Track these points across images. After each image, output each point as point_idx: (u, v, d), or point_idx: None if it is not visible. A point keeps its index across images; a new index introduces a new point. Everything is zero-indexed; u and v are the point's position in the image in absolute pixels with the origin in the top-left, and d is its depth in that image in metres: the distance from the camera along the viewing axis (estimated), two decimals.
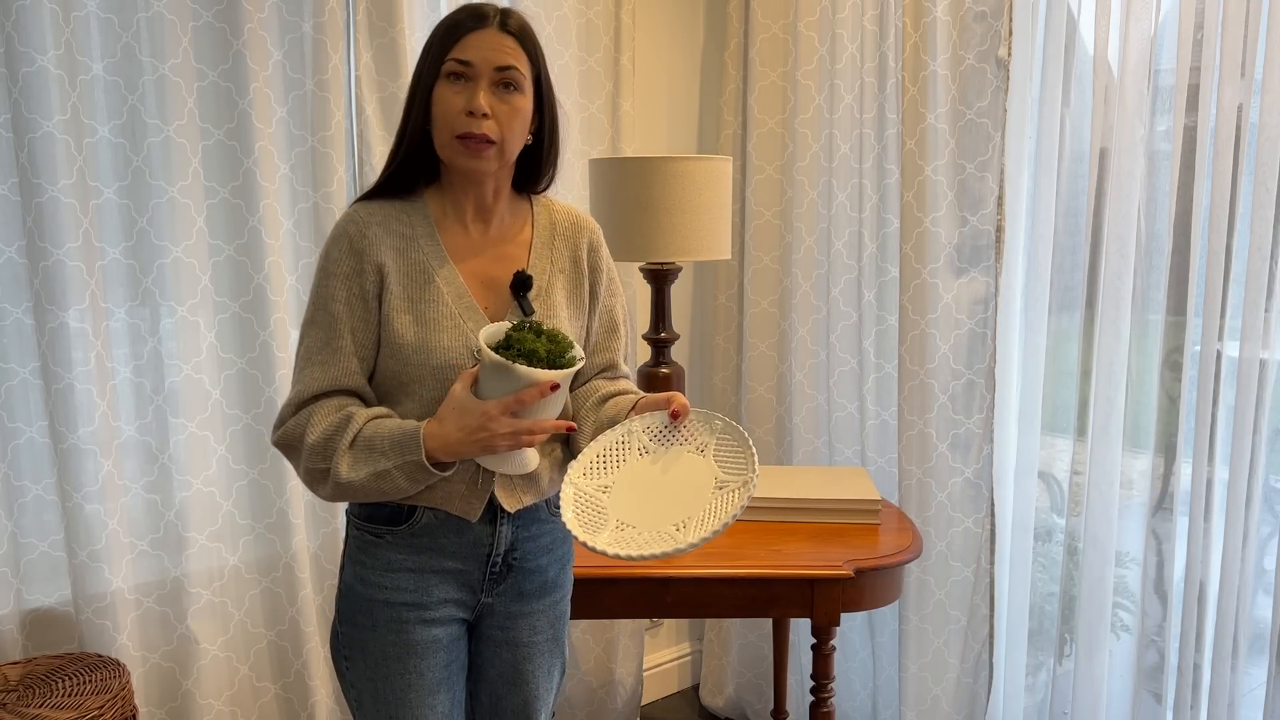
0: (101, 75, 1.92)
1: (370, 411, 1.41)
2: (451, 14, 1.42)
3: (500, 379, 1.36)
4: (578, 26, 2.52)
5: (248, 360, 2.11)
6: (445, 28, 1.40)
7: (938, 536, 2.43)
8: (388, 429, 1.38)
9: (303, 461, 1.40)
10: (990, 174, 2.30)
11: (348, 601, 1.51)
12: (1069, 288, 2.30)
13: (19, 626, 1.92)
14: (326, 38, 2.09)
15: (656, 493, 1.45)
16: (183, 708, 2.11)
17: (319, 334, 1.42)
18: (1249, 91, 1.95)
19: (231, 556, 2.15)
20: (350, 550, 1.52)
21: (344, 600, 1.52)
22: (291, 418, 1.41)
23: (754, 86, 2.70)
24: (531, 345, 1.37)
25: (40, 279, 1.84)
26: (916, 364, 2.42)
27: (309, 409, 1.40)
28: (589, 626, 2.76)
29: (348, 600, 1.51)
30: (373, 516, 1.48)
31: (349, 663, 1.53)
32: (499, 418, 1.34)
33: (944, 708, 2.47)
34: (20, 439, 1.91)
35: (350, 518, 1.53)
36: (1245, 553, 2.03)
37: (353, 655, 1.52)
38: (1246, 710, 2.12)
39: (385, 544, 1.48)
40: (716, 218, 2.22)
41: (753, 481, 1.40)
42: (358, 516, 1.50)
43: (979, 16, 2.27)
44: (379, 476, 1.37)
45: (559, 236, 1.55)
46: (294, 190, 2.15)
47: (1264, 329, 1.97)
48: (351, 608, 1.51)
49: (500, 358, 1.34)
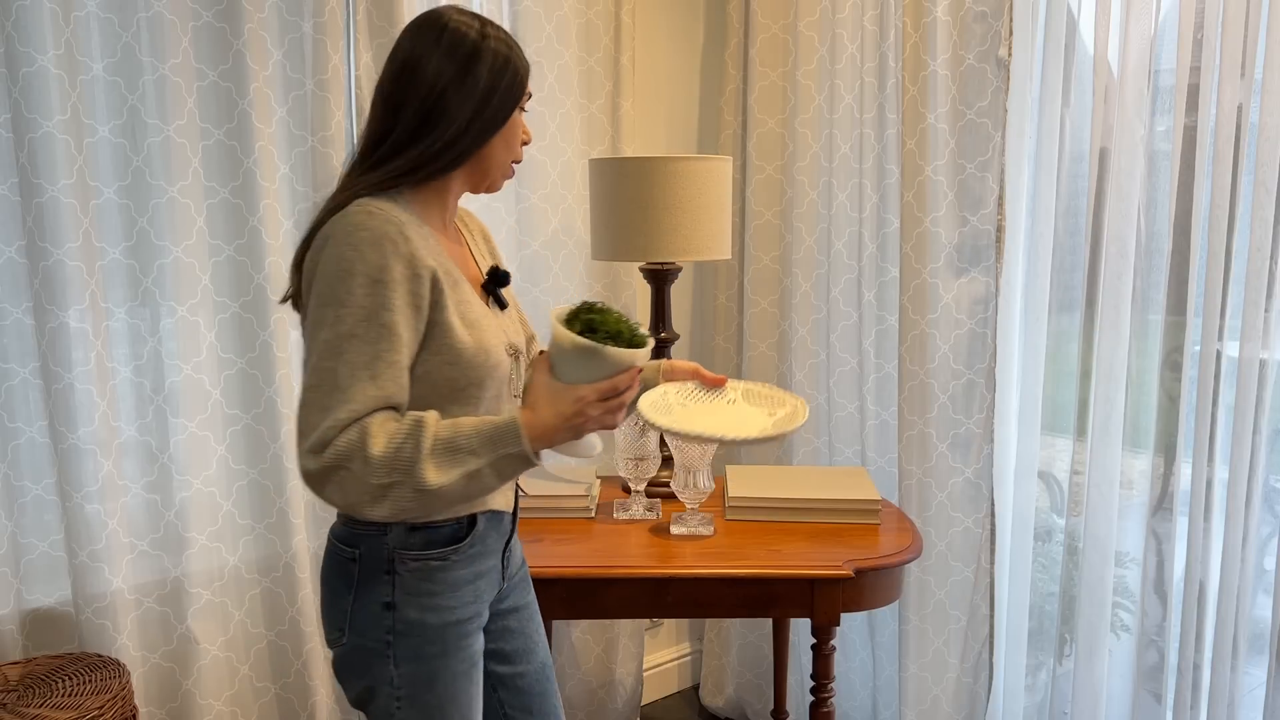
0: (101, 75, 1.92)
1: (435, 414, 1.34)
2: (518, 48, 1.44)
3: (585, 362, 1.36)
4: (578, 26, 2.52)
5: (248, 360, 2.11)
6: (524, 66, 1.44)
7: (938, 536, 2.43)
8: (470, 427, 1.33)
9: (362, 478, 1.28)
10: (990, 174, 2.30)
11: (411, 640, 1.42)
12: (1069, 288, 2.30)
13: (19, 626, 1.92)
14: (326, 38, 2.09)
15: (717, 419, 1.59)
16: (183, 708, 2.11)
17: (365, 347, 1.30)
18: (1249, 91, 1.95)
19: (231, 556, 2.15)
20: (405, 585, 1.42)
21: (405, 641, 1.42)
22: (341, 435, 1.27)
23: (754, 86, 2.70)
24: (616, 326, 1.39)
25: (40, 279, 1.84)
26: (916, 364, 2.42)
27: (359, 425, 1.28)
28: (589, 626, 2.76)
29: (411, 639, 1.42)
30: (432, 542, 1.43)
31: (404, 703, 1.44)
32: (594, 400, 1.37)
33: (944, 708, 2.47)
34: (20, 439, 1.91)
35: (401, 555, 1.42)
36: (1245, 553, 2.03)
37: (415, 694, 1.44)
38: (1246, 710, 2.12)
39: (447, 565, 1.44)
40: (716, 218, 2.22)
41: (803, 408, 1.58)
42: (413, 548, 1.42)
43: (979, 16, 2.27)
44: (470, 478, 1.32)
45: (475, 233, 1.61)
46: (294, 190, 2.15)
47: (1264, 329, 1.97)
48: (418, 643, 1.43)
49: (589, 341, 1.36)
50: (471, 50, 1.38)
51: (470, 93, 1.38)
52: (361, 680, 1.45)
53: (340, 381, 1.29)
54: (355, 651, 1.44)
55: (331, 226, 1.33)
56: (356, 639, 1.44)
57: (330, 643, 1.49)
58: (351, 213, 1.33)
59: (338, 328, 1.29)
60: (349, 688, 1.49)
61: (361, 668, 1.44)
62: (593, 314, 1.41)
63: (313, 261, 1.34)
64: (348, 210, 1.34)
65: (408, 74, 1.38)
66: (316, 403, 1.29)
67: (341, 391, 1.28)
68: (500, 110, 1.41)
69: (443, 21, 1.40)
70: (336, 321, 1.29)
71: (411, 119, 1.38)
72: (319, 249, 1.33)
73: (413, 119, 1.38)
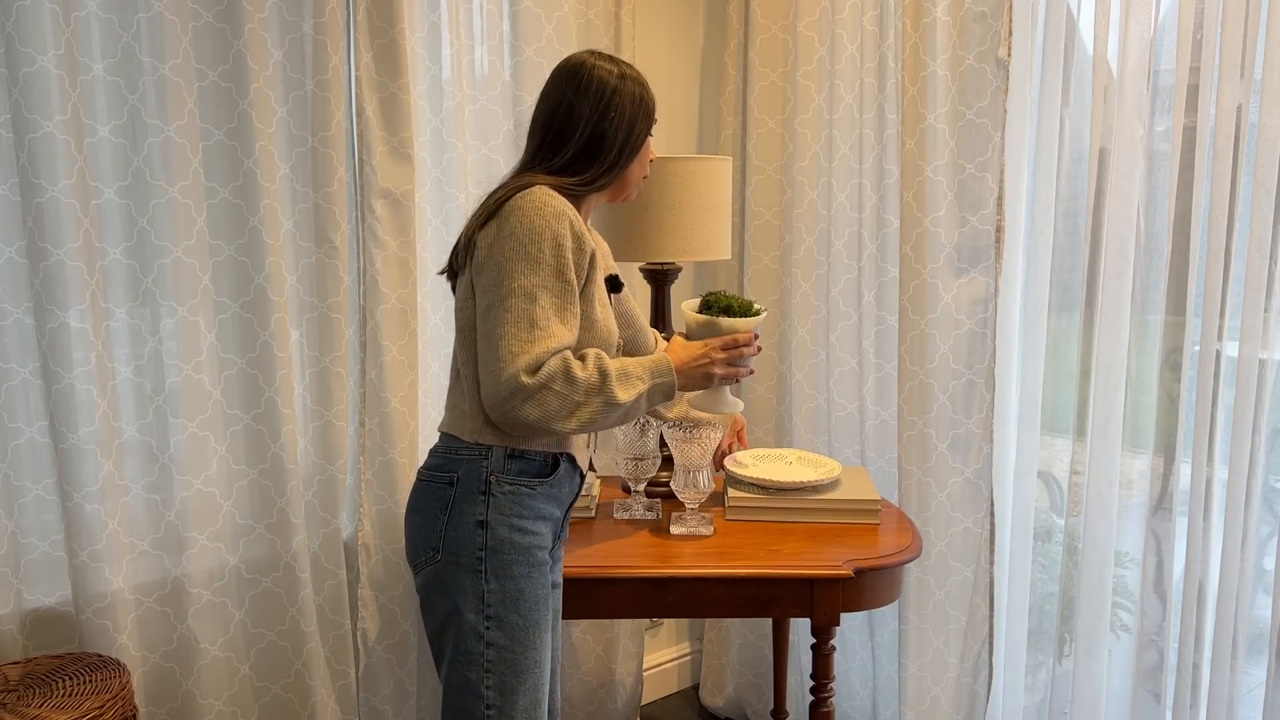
0: (102, 75, 1.92)
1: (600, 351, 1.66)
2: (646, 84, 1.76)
3: (706, 332, 1.81)
4: (578, 26, 2.52)
5: (248, 360, 2.11)
6: (652, 100, 1.76)
7: (937, 536, 2.43)
8: (635, 361, 1.69)
9: (565, 395, 1.57)
10: (990, 174, 2.31)
11: (502, 556, 1.63)
12: (1068, 288, 2.30)
13: (19, 626, 1.92)
14: (327, 38, 2.09)
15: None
16: (183, 708, 2.11)
17: (554, 298, 1.59)
18: (1248, 91, 1.96)
19: (231, 556, 2.15)
20: (499, 506, 1.65)
21: (496, 557, 1.63)
22: (548, 362, 1.57)
23: (754, 87, 2.70)
24: (726, 302, 1.83)
25: (40, 279, 1.84)
26: (916, 364, 2.42)
27: (560, 355, 1.58)
28: (589, 626, 2.76)
29: (502, 555, 1.63)
30: (525, 471, 1.67)
31: (493, 622, 1.63)
32: (718, 348, 1.77)
33: (944, 708, 2.47)
34: (20, 439, 1.91)
35: (498, 477, 1.65)
36: (1245, 552, 2.03)
37: (502, 612, 1.63)
38: (1246, 710, 2.12)
39: (535, 495, 1.68)
40: (716, 218, 2.22)
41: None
42: (509, 473, 1.66)
43: (979, 17, 2.27)
44: (639, 399, 1.66)
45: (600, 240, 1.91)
46: (294, 190, 2.15)
47: (1264, 329, 1.97)
48: (509, 560, 1.64)
49: (705, 316, 1.82)
50: (613, 93, 1.70)
51: (617, 127, 1.70)
52: (450, 599, 1.64)
53: (538, 320, 1.57)
54: (448, 568, 1.64)
55: (518, 201, 1.60)
56: (450, 556, 1.64)
57: (420, 565, 1.68)
58: (536, 191, 1.61)
59: (531, 278, 1.57)
60: (433, 612, 1.68)
61: (453, 585, 1.64)
62: (711, 295, 1.84)
63: (498, 228, 1.60)
64: (531, 190, 1.62)
65: (564, 116, 1.70)
66: (518, 335, 1.56)
67: (541, 329, 1.57)
68: (639, 137, 1.74)
69: (586, 70, 1.71)
70: (529, 274, 1.57)
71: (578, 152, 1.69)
72: (505, 218, 1.60)
73: (579, 152, 1.70)
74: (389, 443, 2.25)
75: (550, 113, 1.71)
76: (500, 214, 1.61)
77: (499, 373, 1.56)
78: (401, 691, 2.34)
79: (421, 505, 1.70)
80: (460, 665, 1.65)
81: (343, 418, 2.22)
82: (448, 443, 1.71)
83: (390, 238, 2.21)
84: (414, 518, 1.71)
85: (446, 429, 1.74)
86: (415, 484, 1.74)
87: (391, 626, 2.31)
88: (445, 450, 1.70)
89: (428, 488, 1.70)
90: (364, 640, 2.28)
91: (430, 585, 1.67)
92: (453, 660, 1.66)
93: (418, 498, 1.71)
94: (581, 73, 1.70)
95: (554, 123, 1.71)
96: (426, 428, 2.33)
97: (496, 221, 1.61)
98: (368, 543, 2.26)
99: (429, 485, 1.70)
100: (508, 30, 2.42)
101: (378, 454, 2.25)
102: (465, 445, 1.67)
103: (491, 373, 1.57)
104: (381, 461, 2.25)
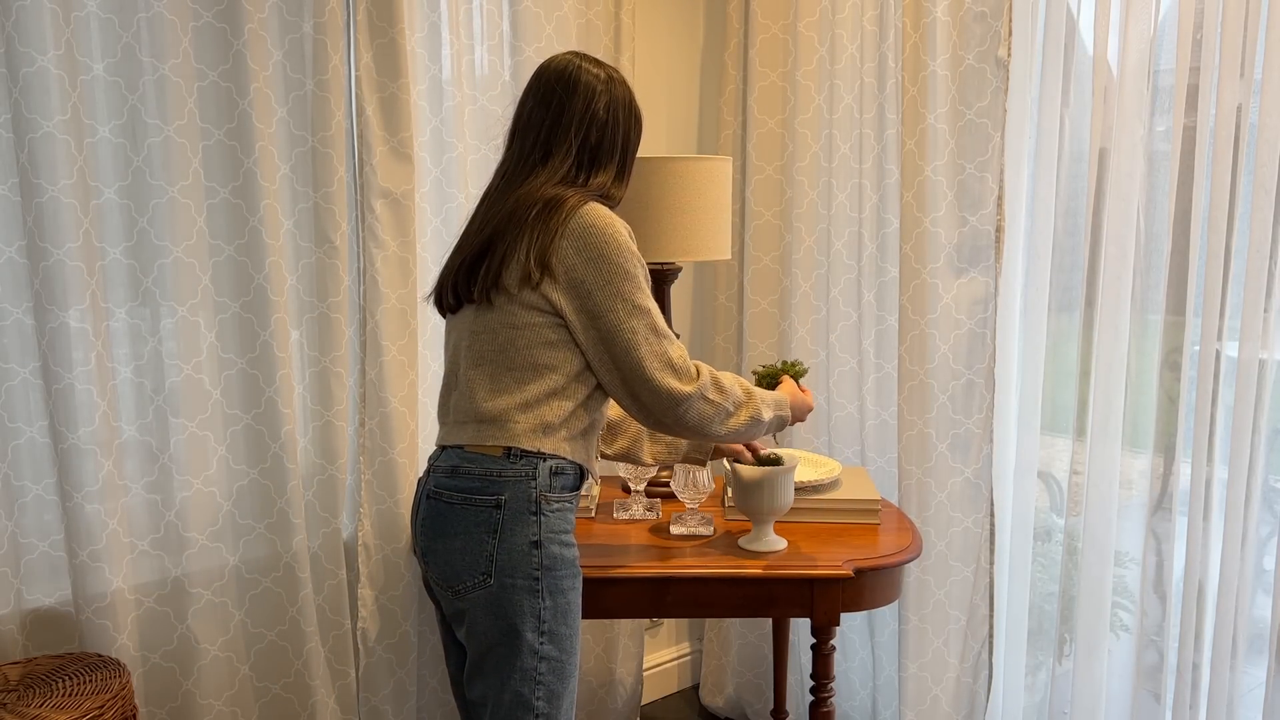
0: (102, 75, 1.92)
1: None
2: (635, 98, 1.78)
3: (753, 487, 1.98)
4: (578, 26, 2.52)
5: (248, 360, 2.11)
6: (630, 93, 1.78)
7: (937, 536, 2.43)
8: (760, 390, 1.79)
9: (719, 403, 1.68)
10: (990, 174, 2.31)
11: (555, 573, 1.65)
12: (1068, 288, 2.30)
13: (19, 626, 1.92)
14: (326, 38, 2.09)
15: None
16: (183, 708, 2.11)
17: (655, 306, 1.66)
18: (1248, 91, 1.96)
19: (231, 556, 2.15)
20: (549, 525, 1.65)
21: (550, 574, 1.64)
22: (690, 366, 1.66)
23: (754, 87, 2.70)
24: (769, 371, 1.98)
25: (40, 279, 1.84)
26: (916, 364, 2.42)
27: (696, 363, 1.69)
28: (589, 626, 2.76)
29: (555, 571, 1.65)
30: (565, 485, 1.69)
31: (547, 637, 1.65)
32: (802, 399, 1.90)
33: (944, 708, 2.47)
34: (20, 439, 1.91)
35: (547, 496, 1.66)
36: (1244, 552, 2.03)
37: (555, 627, 1.66)
38: (1246, 710, 2.12)
39: (571, 507, 1.71)
40: (716, 218, 2.22)
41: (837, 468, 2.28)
42: (555, 490, 1.67)
43: (979, 16, 2.27)
44: (769, 422, 1.77)
45: None
46: (294, 190, 2.15)
47: (1264, 329, 1.97)
48: (561, 575, 1.66)
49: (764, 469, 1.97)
50: (603, 92, 1.71)
51: (617, 122, 1.71)
52: (506, 620, 1.63)
53: (659, 328, 1.64)
54: (503, 591, 1.63)
55: (584, 218, 1.61)
56: (504, 579, 1.63)
57: (467, 588, 1.65)
58: (596, 209, 1.64)
59: (640, 290, 1.63)
60: (483, 632, 1.65)
61: (510, 606, 1.63)
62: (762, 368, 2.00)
63: (581, 244, 1.60)
64: (590, 207, 1.63)
65: (555, 118, 1.68)
66: (657, 341, 1.64)
67: (668, 338, 1.66)
68: (636, 144, 1.77)
69: (575, 73, 1.70)
70: (637, 288, 1.63)
71: (584, 155, 1.70)
72: (581, 235, 1.60)
73: (605, 168, 1.72)
74: (389, 443, 2.25)
75: (539, 119, 1.70)
76: (572, 231, 1.61)
77: (656, 388, 1.63)
78: (401, 691, 2.34)
79: (461, 530, 1.65)
80: (515, 682, 1.64)
81: (343, 418, 2.22)
82: (484, 465, 1.64)
83: (390, 238, 2.21)
84: (453, 543, 1.65)
85: (473, 444, 1.67)
86: (440, 506, 1.67)
87: (391, 626, 2.31)
88: (482, 473, 1.64)
89: (466, 512, 1.64)
90: (364, 640, 2.28)
91: (480, 607, 1.64)
92: (506, 678, 1.64)
93: (454, 523, 1.65)
94: (569, 77, 1.70)
95: (547, 128, 1.69)
96: (426, 427, 2.33)
97: (572, 241, 1.61)
98: (368, 543, 2.26)
99: (468, 510, 1.64)
100: (508, 30, 2.42)
101: (378, 454, 2.25)
102: (506, 465, 1.64)
103: (649, 389, 1.63)
104: (381, 461, 2.25)
